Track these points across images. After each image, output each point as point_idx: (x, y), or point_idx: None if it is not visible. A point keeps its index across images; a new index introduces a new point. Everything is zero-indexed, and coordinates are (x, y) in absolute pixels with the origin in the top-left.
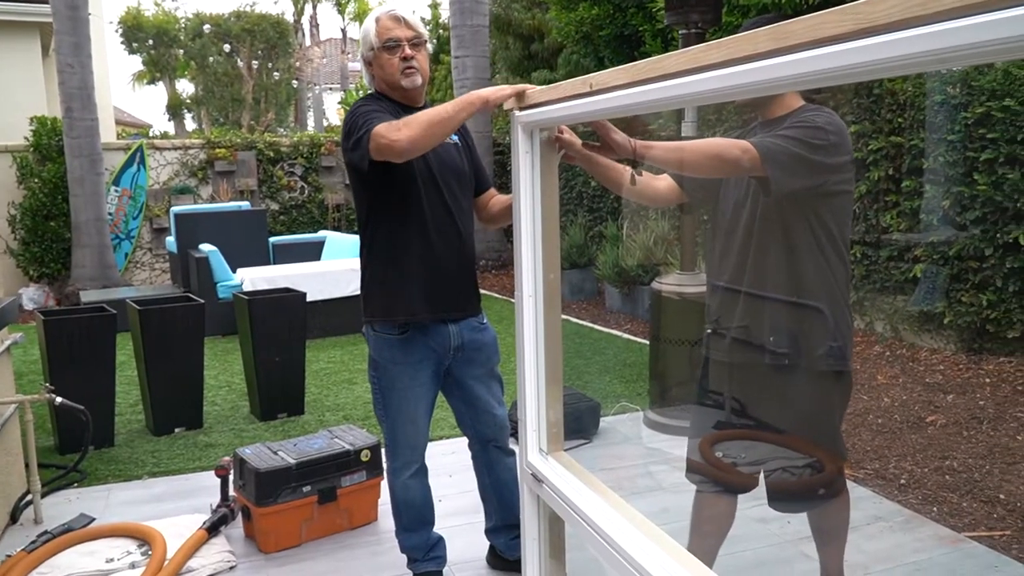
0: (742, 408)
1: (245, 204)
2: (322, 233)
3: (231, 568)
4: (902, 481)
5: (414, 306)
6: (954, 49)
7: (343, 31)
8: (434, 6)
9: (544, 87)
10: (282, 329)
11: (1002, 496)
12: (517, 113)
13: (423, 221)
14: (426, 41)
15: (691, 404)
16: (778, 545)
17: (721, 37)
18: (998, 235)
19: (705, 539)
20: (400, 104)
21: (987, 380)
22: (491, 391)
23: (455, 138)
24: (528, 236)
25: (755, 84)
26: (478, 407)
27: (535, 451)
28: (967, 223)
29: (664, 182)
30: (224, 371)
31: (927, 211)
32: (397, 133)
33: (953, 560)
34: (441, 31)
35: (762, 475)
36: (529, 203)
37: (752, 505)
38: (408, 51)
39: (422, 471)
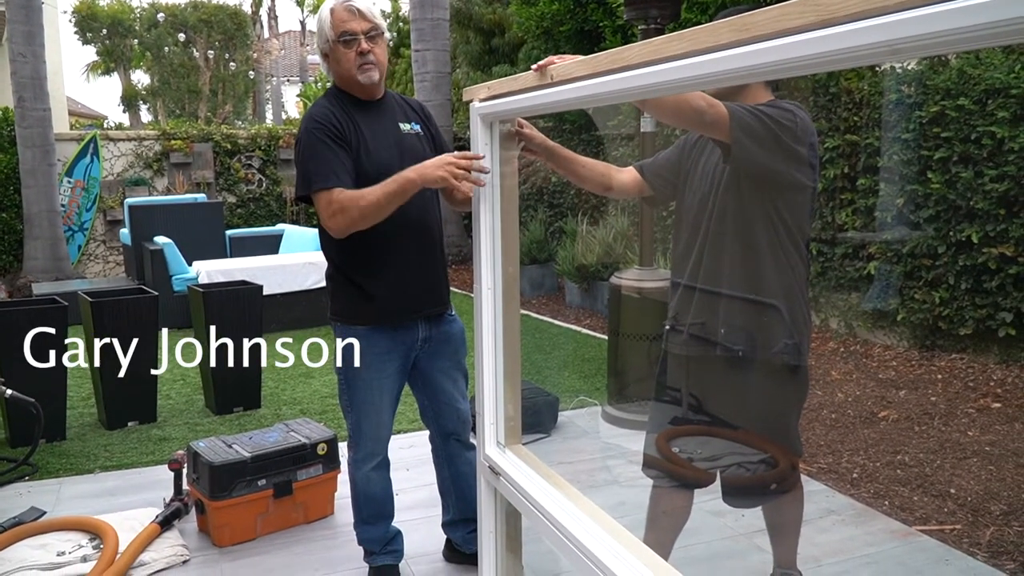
0: (698, 404)
1: (201, 196)
2: (280, 226)
3: (184, 562)
4: (854, 475)
5: (382, 309)
6: (910, 39)
7: (302, 23)
8: None
9: (503, 79)
10: (238, 322)
11: (952, 491)
12: (476, 105)
13: (394, 221)
14: (383, 32)
15: (649, 399)
16: (732, 538)
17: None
18: (951, 233)
19: (661, 533)
20: (359, 99)
21: (939, 376)
22: (456, 384)
23: (416, 127)
24: (487, 229)
25: (717, 74)
26: (442, 400)
27: (493, 444)
28: (921, 221)
29: (628, 174)
30: (179, 365)
31: (882, 209)
32: (332, 220)
33: (904, 553)
34: (401, 24)
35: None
36: (488, 196)
37: (707, 499)
38: (364, 45)
39: (384, 464)
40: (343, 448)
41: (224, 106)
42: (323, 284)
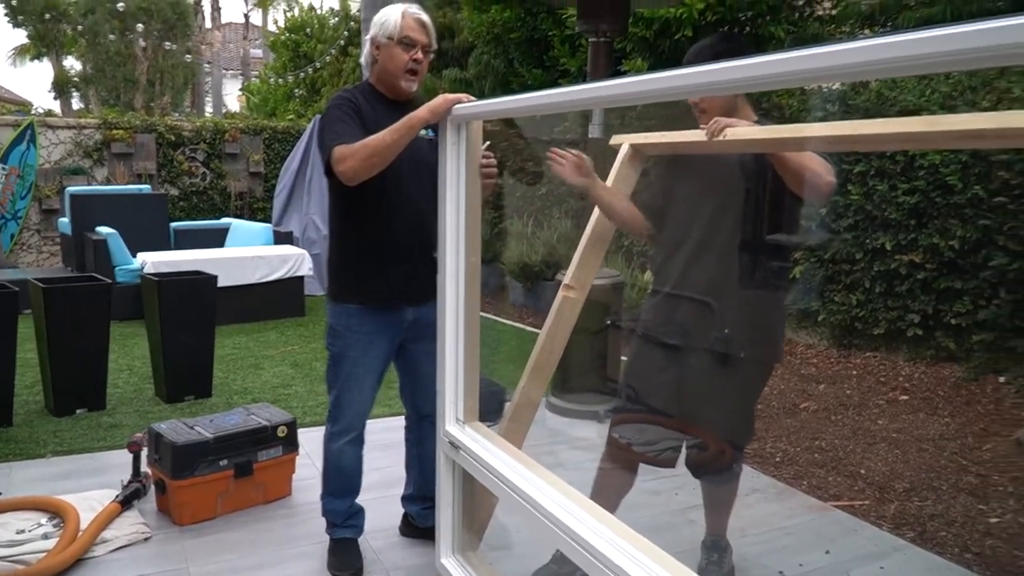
0: (636, 394)
1: (146, 187)
2: (226, 220)
3: (146, 539)
4: (777, 459)
5: (381, 293)
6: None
7: (246, 16)
8: None
9: (661, 137)
10: (192, 312)
11: (863, 471)
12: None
13: (395, 213)
14: (433, 52)
15: (590, 390)
16: (668, 513)
17: (626, 45)
18: (867, 241)
19: (605, 496)
20: (387, 98)
21: (854, 372)
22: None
23: (430, 133)
24: (452, 221)
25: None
26: (421, 382)
27: (452, 421)
28: (840, 229)
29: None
30: (124, 355)
31: (806, 217)
32: (343, 164)
33: (819, 525)
34: (352, 23)
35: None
36: (455, 191)
37: (647, 479)
38: (419, 55)
39: (359, 440)
40: (302, 433)
41: (162, 97)
42: (271, 278)
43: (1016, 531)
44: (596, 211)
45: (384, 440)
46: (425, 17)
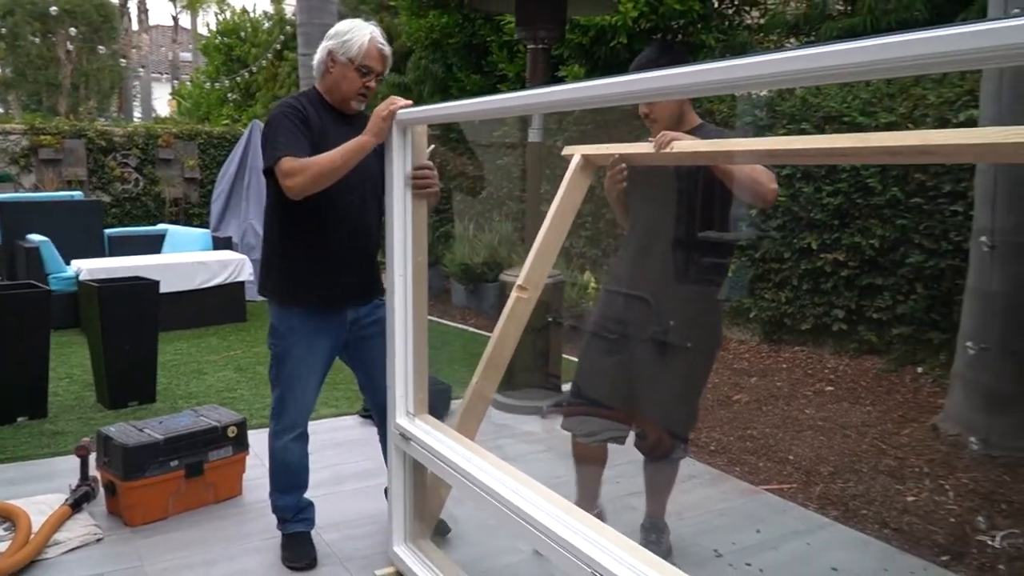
0: (580, 389)
1: (78, 194)
2: (162, 226)
3: (98, 540)
4: (712, 448)
5: (327, 300)
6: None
7: (175, 19)
8: (278, 0)
9: (612, 148)
10: (134, 317)
11: (791, 457)
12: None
13: (343, 223)
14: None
15: (533, 387)
16: (609, 500)
17: (563, 52)
18: (794, 241)
19: (588, 489)
20: (333, 109)
21: (783, 365)
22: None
23: None
24: (400, 222)
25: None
26: (378, 378)
27: (403, 414)
28: (770, 230)
29: None
30: (63, 363)
31: (736, 218)
32: (291, 179)
33: (751, 507)
34: (287, 27)
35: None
36: (401, 193)
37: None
38: (372, 84)
39: (303, 437)
40: (250, 434)
41: (87, 101)
42: (211, 283)
43: (931, 508)
44: (549, 216)
45: (333, 439)
46: (388, 49)
